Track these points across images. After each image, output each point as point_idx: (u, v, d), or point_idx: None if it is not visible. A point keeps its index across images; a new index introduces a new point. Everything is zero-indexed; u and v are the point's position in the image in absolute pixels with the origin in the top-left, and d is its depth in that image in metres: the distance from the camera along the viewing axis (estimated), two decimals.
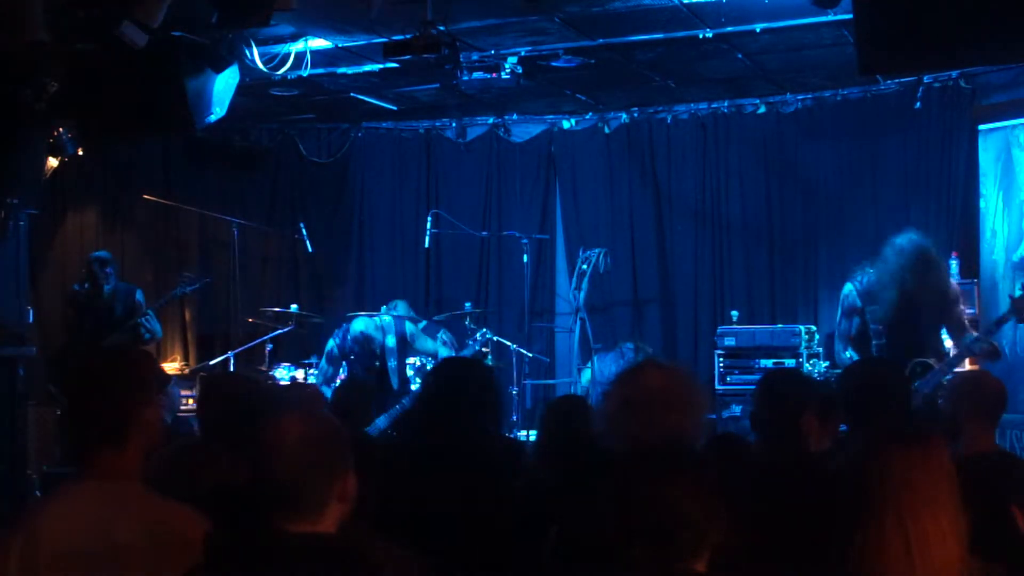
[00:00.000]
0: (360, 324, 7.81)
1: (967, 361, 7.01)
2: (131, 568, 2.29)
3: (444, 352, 7.67)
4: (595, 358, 8.01)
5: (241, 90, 7.10)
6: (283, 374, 8.01)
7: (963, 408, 3.57)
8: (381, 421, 6.97)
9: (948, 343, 5.94)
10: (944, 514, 2.12)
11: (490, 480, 3.36)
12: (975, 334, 5.80)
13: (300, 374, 8.03)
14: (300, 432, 2.16)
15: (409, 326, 7.85)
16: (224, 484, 2.86)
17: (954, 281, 6.16)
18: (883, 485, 2.14)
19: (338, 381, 7.50)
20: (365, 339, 7.71)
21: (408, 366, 7.77)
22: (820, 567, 2.26)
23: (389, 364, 7.64)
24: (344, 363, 7.75)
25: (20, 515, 2.44)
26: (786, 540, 2.55)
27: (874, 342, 5.75)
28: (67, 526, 2.32)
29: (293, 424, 2.19)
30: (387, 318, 7.85)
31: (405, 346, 7.77)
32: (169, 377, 4.64)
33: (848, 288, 6.02)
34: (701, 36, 6.81)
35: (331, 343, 7.87)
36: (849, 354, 5.90)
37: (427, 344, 7.80)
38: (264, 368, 8.10)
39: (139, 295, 8.10)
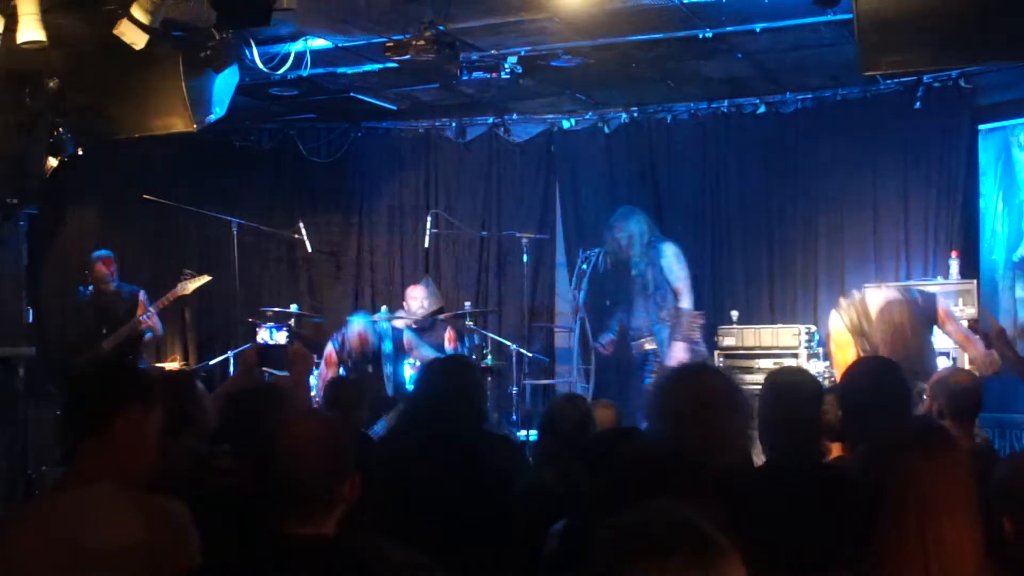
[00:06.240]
0: (357, 324, 7.73)
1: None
2: (99, 572, 2.27)
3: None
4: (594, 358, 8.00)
5: (241, 90, 7.11)
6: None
7: (939, 407, 3.58)
8: (379, 427, 6.93)
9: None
10: (964, 522, 2.08)
11: (483, 479, 3.35)
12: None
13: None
14: (317, 434, 2.15)
15: (408, 333, 7.77)
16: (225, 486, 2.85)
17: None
18: (905, 492, 2.09)
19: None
20: (361, 340, 7.60)
21: (408, 365, 7.68)
22: (832, 573, 2.23)
23: (385, 370, 7.55)
24: (342, 367, 7.68)
25: None
26: (797, 544, 2.53)
27: None
28: (37, 533, 2.31)
29: (309, 426, 2.18)
30: (384, 324, 7.80)
31: (402, 352, 7.68)
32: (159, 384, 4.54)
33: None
34: (701, 36, 6.80)
35: (330, 346, 7.80)
36: None
37: (424, 351, 7.65)
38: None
39: (142, 294, 8.09)
